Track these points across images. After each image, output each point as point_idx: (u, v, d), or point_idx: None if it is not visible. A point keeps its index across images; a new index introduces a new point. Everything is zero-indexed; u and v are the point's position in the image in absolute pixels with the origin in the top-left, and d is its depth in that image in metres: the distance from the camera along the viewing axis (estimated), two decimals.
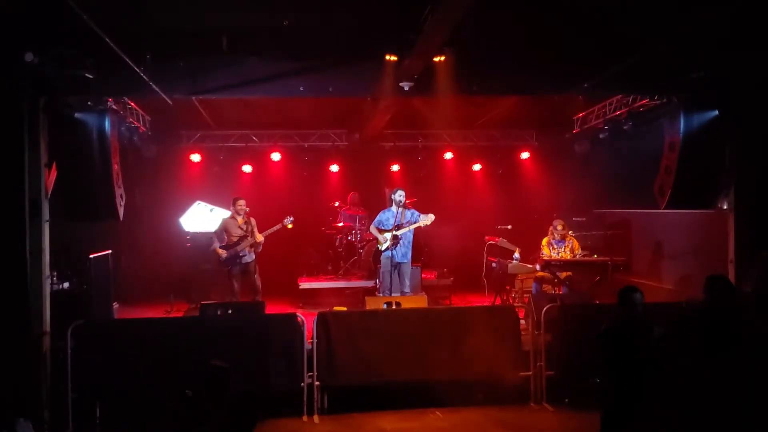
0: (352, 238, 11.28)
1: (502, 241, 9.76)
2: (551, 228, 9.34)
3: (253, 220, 9.19)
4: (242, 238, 9.04)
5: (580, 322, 6.96)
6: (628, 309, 4.83)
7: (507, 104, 10.03)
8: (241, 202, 9.12)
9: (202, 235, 10.83)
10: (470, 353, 6.85)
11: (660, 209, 8.10)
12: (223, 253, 8.97)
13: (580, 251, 9.22)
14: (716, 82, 7.23)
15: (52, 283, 7.09)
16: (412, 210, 8.90)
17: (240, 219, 9.11)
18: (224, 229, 9.13)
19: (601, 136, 10.00)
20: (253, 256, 9.16)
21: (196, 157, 11.85)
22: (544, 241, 9.38)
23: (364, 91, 7.93)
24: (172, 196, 11.61)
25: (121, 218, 7.73)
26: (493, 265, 9.69)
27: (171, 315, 9.36)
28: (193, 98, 8.12)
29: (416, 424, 6.53)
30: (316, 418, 6.68)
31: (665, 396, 4.70)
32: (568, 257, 9.12)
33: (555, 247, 9.27)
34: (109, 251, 8.68)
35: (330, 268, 11.49)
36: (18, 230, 6.53)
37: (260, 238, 9.06)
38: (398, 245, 8.69)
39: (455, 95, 7.47)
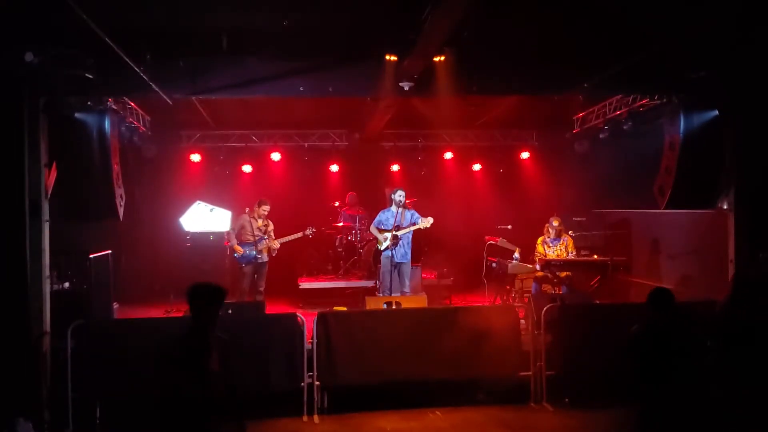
0: (352, 238, 11.29)
1: (502, 241, 9.76)
2: (547, 225, 9.37)
3: (270, 224, 9.30)
4: (260, 239, 9.12)
5: (580, 322, 6.97)
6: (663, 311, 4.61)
7: (507, 104, 10.03)
8: (266, 207, 9.23)
9: (202, 235, 10.86)
10: (470, 353, 6.86)
11: (660, 209, 8.10)
12: (240, 250, 9.02)
13: (573, 250, 9.24)
14: (716, 82, 7.23)
15: (52, 283, 7.07)
16: (412, 210, 8.90)
17: (260, 221, 9.20)
18: (242, 226, 9.20)
19: (601, 135, 10.00)
20: (267, 258, 9.26)
21: (196, 157, 11.85)
22: (539, 240, 9.41)
23: (364, 91, 7.93)
24: (172, 196, 11.61)
25: (121, 218, 7.74)
26: (493, 265, 9.69)
27: (171, 315, 9.34)
28: (193, 98, 8.12)
29: (416, 424, 6.52)
30: (316, 418, 6.68)
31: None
32: (564, 255, 9.13)
33: (550, 245, 9.29)
34: (109, 251, 8.67)
35: (330, 268, 11.50)
36: (18, 230, 6.52)
37: (276, 244, 9.21)
38: (398, 245, 8.68)
39: (455, 95, 7.48)
